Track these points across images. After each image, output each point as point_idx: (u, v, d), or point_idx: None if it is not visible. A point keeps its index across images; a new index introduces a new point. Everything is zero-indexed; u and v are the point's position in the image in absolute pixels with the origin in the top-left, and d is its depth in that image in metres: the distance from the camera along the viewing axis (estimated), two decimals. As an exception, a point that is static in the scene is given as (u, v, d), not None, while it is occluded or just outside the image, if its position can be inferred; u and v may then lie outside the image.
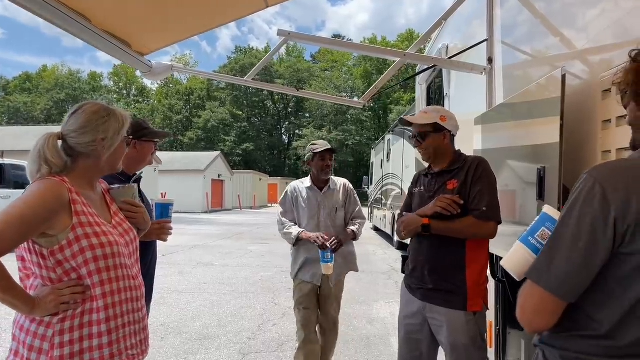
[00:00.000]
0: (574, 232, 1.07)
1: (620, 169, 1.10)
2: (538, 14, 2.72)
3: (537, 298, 1.13)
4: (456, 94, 4.55)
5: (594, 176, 1.08)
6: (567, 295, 1.09)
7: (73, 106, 1.74)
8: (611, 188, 1.04)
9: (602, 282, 1.07)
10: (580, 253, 1.06)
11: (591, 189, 1.07)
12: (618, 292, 1.05)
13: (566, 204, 1.14)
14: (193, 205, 29.49)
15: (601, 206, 1.04)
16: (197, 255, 11.22)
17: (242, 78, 3.69)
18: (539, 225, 1.34)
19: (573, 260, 1.07)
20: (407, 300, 2.53)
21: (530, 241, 1.34)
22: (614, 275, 1.05)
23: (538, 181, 2.16)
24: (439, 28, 4.48)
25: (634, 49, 1.18)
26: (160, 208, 2.38)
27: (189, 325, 5.48)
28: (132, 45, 3.09)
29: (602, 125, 1.90)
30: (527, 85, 2.51)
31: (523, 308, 1.17)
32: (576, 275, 1.07)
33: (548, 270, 1.11)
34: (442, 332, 2.34)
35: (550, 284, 1.10)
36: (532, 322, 1.16)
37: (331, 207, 3.61)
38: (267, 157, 62.33)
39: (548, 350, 1.20)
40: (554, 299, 1.10)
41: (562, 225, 1.11)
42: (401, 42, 58.36)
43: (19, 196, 1.51)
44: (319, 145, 3.57)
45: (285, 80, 54.76)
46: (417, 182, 2.64)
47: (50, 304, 1.51)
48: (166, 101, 63.30)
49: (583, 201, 1.07)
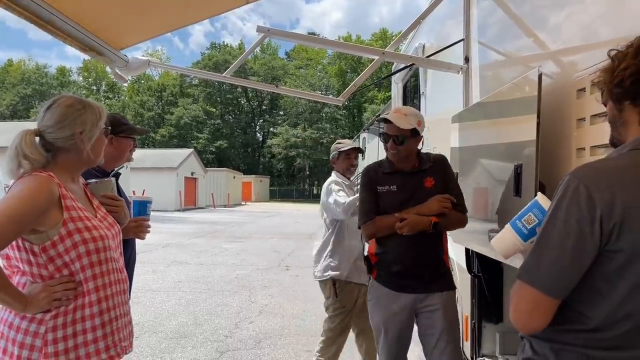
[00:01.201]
0: (561, 232, 1.10)
1: (602, 169, 1.14)
2: (514, 15, 2.79)
3: (530, 299, 1.14)
4: (432, 93, 4.62)
5: (577, 177, 1.11)
6: (559, 293, 1.12)
7: (46, 101, 1.71)
8: (595, 188, 1.07)
9: (589, 279, 1.10)
10: (569, 252, 1.09)
11: (576, 190, 1.09)
12: (605, 288, 1.09)
13: (550, 206, 1.16)
14: (166, 204, 29.02)
15: (587, 206, 1.07)
16: (170, 253, 11.08)
17: (221, 74, 3.66)
18: (527, 210, 1.39)
19: (562, 260, 1.10)
20: (389, 298, 2.55)
21: (517, 225, 1.39)
22: (601, 272, 1.09)
23: (515, 178, 2.22)
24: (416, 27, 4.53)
25: (612, 49, 1.23)
26: (138, 205, 2.35)
27: (164, 324, 5.42)
28: (107, 39, 3.03)
29: (577, 123, 1.96)
30: (504, 84, 2.57)
31: (517, 310, 1.18)
32: (566, 274, 1.10)
33: (539, 271, 1.13)
34: (436, 315, 2.47)
35: (542, 284, 1.12)
36: (528, 323, 1.17)
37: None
38: (241, 155, 61.85)
39: (535, 342, 1.23)
40: (547, 298, 1.12)
41: (549, 226, 1.13)
42: (375, 41, 58.58)
43: (8, 193, 1.49)
44: (344, 144, 3.53)
45: (260, 78, 54.36)
46: (381, 180, 2.58)
47: (43, 300, 1.50)
48: (137, 97, 62.06)
49: (569, 202, 1.10)
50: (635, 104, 1.17)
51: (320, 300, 3.65)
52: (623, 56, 1.17)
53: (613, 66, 1.19)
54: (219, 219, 24.06)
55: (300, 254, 11.40)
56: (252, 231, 17.32)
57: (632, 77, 1.14)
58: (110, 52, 3.11)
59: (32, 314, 1.53)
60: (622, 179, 1.08)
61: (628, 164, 1.11)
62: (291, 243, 13.35)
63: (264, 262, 10.04)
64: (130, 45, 3.24)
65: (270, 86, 4.36)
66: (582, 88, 1.95)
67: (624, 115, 1.21)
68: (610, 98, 1.24)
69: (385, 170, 2.59)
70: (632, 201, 1.04)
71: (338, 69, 58.69)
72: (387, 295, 2.56)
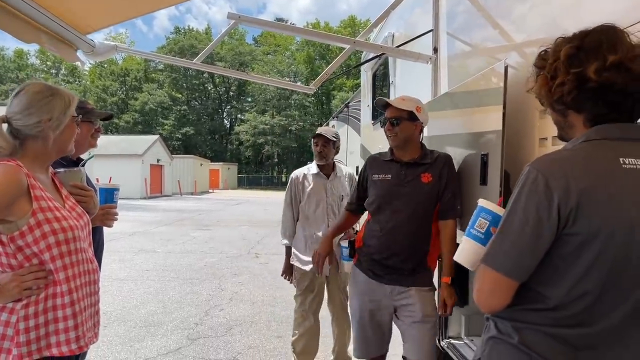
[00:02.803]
0: (521, 218, 1.17)
1: (558, 159, 1.21)
2: (481, 6, 2.86)
3: (491, 280, 1.22)
4: (401, 82, 4.69)
5: (536, 168, 1.18)
6: (519, 275, 1.20)
7: (16, 88, 1.68)
8: (552, 177, 1.14)
9: (547, 261, 1.18)
10: (527, 237, 1.16)
11: (534, 179, 1.16)
12: (562, 268, 1.17)
13: (512, 195, 1.23)
14: (131, 191, 28.38)
15: (544, 193, 1.14)
16: (137, 242, 10.90)
17: (190, 61, 3.61)
18: (476, 217, 1.48)
19: (522, 244, 1.17)
20: (367, 286, 2.59)
21: (472, 232, 1.48)
22: (559, 254, 1.16)
23: (482, 166, 2.30)
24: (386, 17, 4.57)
25: (543, 48, 1.29)
26: (105, 193, 2.30)
27: (132, 313, 5.37)
28: (72, 22, 2.93)
29: (539, 114, 2.05)
30: (471, 75, 2.65)
31: (480, 291, 1.25)
32: (526, 257, 1.17)
33: (500, 254, 1.21)
34: (413, 307, 2.47)
35: (503, 267, 1.19)
36: (489, 303, 1.24)
37: (337, 194, 3.53)
38: (208, 142, 60.82)
39: (499, 321, 1.31)
40: (507, 279, 1.19)
41: (510, 213, 1.20)
42: (343, 28, 58.39)
43: None
44: (318, 130, 3.54)
45: (227, 63, 53.40)
46: (378, 168, 2.62)
47: (14, 290, 1.49)
48: (100, 82, 59.98)
49: (528, 190, 1.17)
50: (579, 112, 1.23)
51: (290, 287, 3.72)
52: (553, 70, 1.22)
53: (546, 80, 1.24)
54: (186, 206, 23.75)
55: (270, 241, 11.40)
56: (220, 219, 17.19)
57: (571, 93, 1.19)
58: (75, 37, 3.02)
59: (3, 304, 1.52)
60: (575, 168, 1.15)
61: (580, 155, 1.18)
62: (260, 231, 13.31)
63: (233, 250, 10.01)
64: (98, 29, 3.15)
65: (242, 74, 4.33)
66: (545, 80, 2.03)
67: (569, 120, 1.27)
68: (551, 109, 1.30)
69: (385, 158, 2.62)
70: (585, 188, 1.11)
71: (306, 55, 58.29)
72: (364, 282, 2.60)
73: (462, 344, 3.05)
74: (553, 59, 1.23)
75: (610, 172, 1.13)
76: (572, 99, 1.20)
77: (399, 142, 2.52)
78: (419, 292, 2.48)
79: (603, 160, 1.15)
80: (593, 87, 1.15)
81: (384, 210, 2.52)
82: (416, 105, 2.49)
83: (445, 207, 2.46)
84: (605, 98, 1.17)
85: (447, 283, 2.43)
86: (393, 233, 2.47)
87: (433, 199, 2.46)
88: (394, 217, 2.47)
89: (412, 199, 2.45)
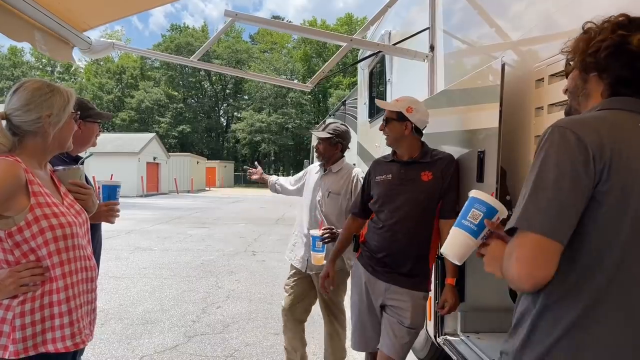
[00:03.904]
0: (556, 175, 1.09)
1: (584, 118, 1.20)
2: (477, 4, 2.87)
3: (532, 245, 1.09)
4: (398, 80, 4.70)
5: (563, 125, 1.14)
6: (562, 236, 1.08)
7: (14, 84, 1.69)
8: (583, 132, 1.11)
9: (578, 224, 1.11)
10: (566, 192, 1.08)
11: (563, 135, 1.11)
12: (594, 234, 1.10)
13: (537, 155, 1.16)
14: (127, 189, 28.30)
15: (578, 147, 1.09)
16: (134, 240, 10.88)
17: (188, 59, 3.61)
18: (468, 207, 1.40)
19: (561, 201, 1.08)
20: (367, 280, 2.62)
21: (464, 224, 1.39)
22: (590, 217, 1.10)
23: (478, 163, 2.31)
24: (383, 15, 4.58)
25: (587, 21, 1.29)
26: (108, 190, 2.33)
27: (129, 311, 5.36)
28: (69, 20, 2.93)
29: (535, 112, 2.07)
30: (468, 72, 2.66)
31: (519, 260, 1.10)
32: (566, 215, 1.08)
33: (536, 215, 1.10)
34: (404, 312, 2.48)
35: (543, 227, 1.08)
36: (532, 272, 1.10)
37: (325, 190, 3.35)
38: (204, 140, 60.73)
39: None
40: (550, 241, 1.07)
41: (541, 171, 1.12)
42: (340, 25, 58.36)
43: None
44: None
45: (224, 61, 53.33)
46: (380, 170, 2.64)
47: (10, 286, 1.49)
48: (96, 80, 59.76)
49: (558, 146, 1.11)
50: (602, 77, 1.23)
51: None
52: (600, 29, 1.23)
53: (589, 37, 1.25)
54: (183, 204, 23.72)
55: (267, 239, 11.41)
56: (217, 217, 17.17)
57: (607, 49, 1.19)
58: (72, 34, 3.01)
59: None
60: (603, 125, 1.13)
61: (603, 116, 1.17)
62: (257, 228, 13.32)
63: (230, 248, 10.01)
64: (95, 27, 3.15)
65: (239, 71, 4.35)
66: (541, 78, 2.05)
67: (588, 86, 1.27)
68: (579, 67, 1.29)
69: (387, 159, 2.67)
70: (616, 144, 1.09)
71: (303, 53, 58.24)
72: (364, 276, 2.64)
73: (458, 340, 3.07)
74: (603, 22, 1.23)
75: (633, 132, 1.13)
76: (605, 55, 1.19)
77: (390, 142, 2.60)
78: (413, 297, 2.49)
79: (625, 122, 1.15)
80: (631, 51, 1.16)
81: (384, 209, 2.54)
82: (408, 105, 2.51)
83: (447, 206, 2.47)
84: (635, 65, 1.18)
85: (452, 285, 2.45)
86: (393, 231, 2.49)
87: (433, 198, 2.47)
88: (394, 215, 2.49)
89: (412, 197, 2.47)
